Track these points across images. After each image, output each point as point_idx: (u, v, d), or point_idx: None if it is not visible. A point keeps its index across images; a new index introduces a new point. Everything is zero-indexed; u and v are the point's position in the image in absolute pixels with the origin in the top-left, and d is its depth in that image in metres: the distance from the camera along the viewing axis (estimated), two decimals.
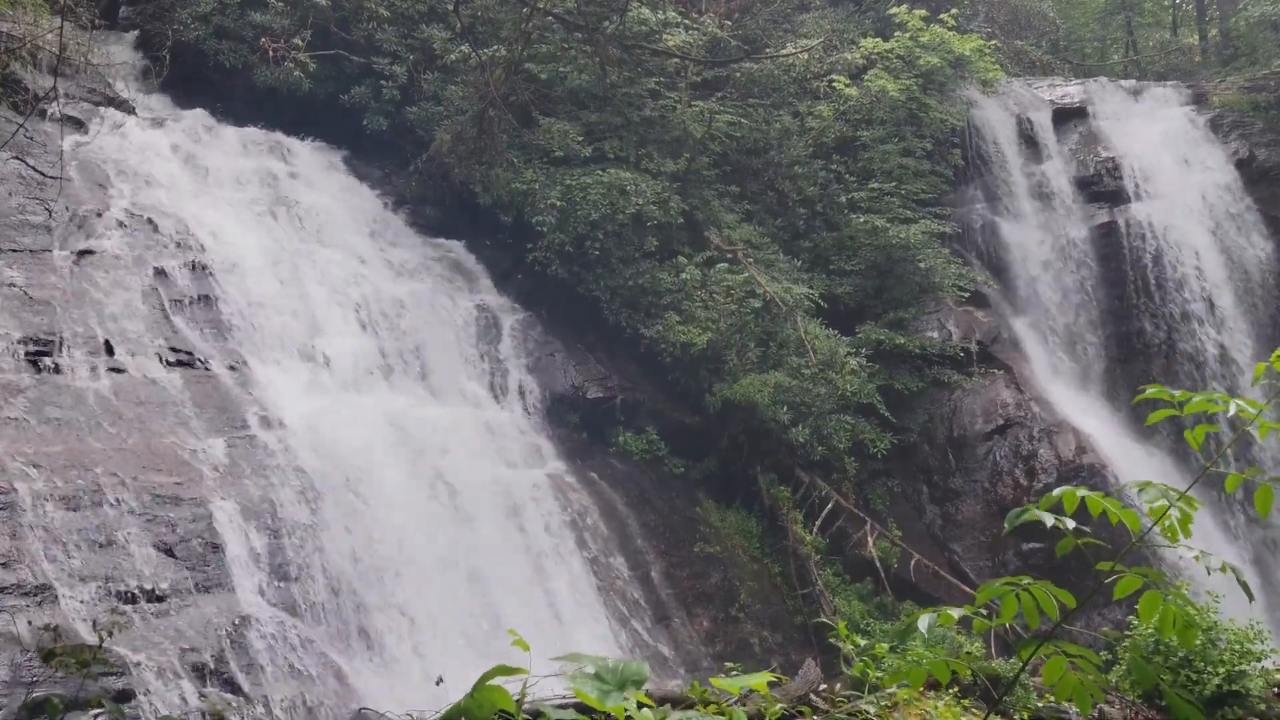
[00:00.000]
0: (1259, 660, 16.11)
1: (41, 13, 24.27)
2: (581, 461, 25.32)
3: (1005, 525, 4.74)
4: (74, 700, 12.24)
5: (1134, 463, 28.39)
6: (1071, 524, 4.58)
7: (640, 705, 4.04)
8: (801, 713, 14.24)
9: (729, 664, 15.08)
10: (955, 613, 4.67)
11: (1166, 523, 4.52)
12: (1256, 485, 4.83)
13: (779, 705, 12.18)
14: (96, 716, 13.73)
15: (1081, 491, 4.60)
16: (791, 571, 25.61)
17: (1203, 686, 15.45)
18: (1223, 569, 4.56)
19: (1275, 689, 16.55)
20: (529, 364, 26.12)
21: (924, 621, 4.65)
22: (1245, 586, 4.66)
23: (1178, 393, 4.85)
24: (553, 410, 25.88)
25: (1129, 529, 4.70)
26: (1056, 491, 4.66)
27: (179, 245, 22.93)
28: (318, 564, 19.32)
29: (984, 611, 4.77)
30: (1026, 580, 4.61)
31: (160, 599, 17.22)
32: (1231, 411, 4.65)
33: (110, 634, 12.63)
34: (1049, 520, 4.54)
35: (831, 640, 12.12)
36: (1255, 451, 29.11)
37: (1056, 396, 29.77)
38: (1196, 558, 4.56)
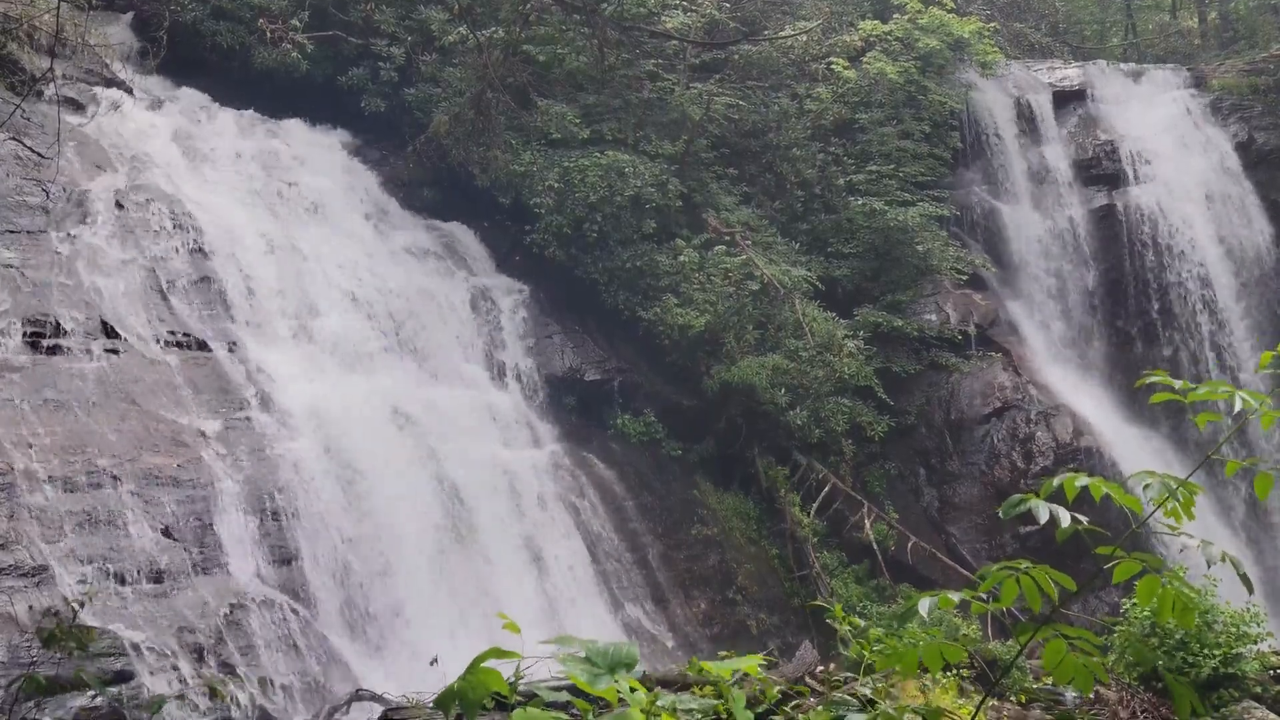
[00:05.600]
0: (1255, 643, 16.13)
1: None
2: (579, 443, 25.33)
3: (1000, 514, 4.72)
4: (71, 681, 12.26)
5: (1131, 446, 28.43)
6: (1067, 516, 4.56)
7: (633, 689, 4.04)
8: (800, 693, 14.28)
9: (722, 652, 15.10)
10: (955, 596, 4.66)
11: (1170, 505, 4.50)
12: (1256, 471, 4.82)
13: (777, 688, 12.21)
14: (95, 697, 13.77)
15: (1082, 479, 4.58)
16: (789, 554, 25.64)
17: (1199, 669, 15.48)
18: (1223, 559, 4.55)
19: (1270, 671, 16.58)
20: (527, 346, 26.12)
21: (924, 605, 4.63)
22: (1245, 579, 4.64)
23: (1179, 382, 4.84)
24: (551, 392, 25.89)
25: (1128, 515, 4.70)
26: (1057, 479, 4.64)
27: (176, 226, 22.88)
28: (315, 546, 19.35)
29: (983, 595, 4.76)
30: (1025, 564, 4.60)
31: (158, 580, 17.25)
32: (1237, 406, 4.63)
33: (82, 605, 12.63)
34: (1043, 514, 4.52)
35: (828, 621, 12.14)
36: (1253, 434, 29.12)
37: (1054, 379, 29.78)
38: (1198, 546, 4.55)
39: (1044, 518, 4.51)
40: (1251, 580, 4.73)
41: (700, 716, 4.29)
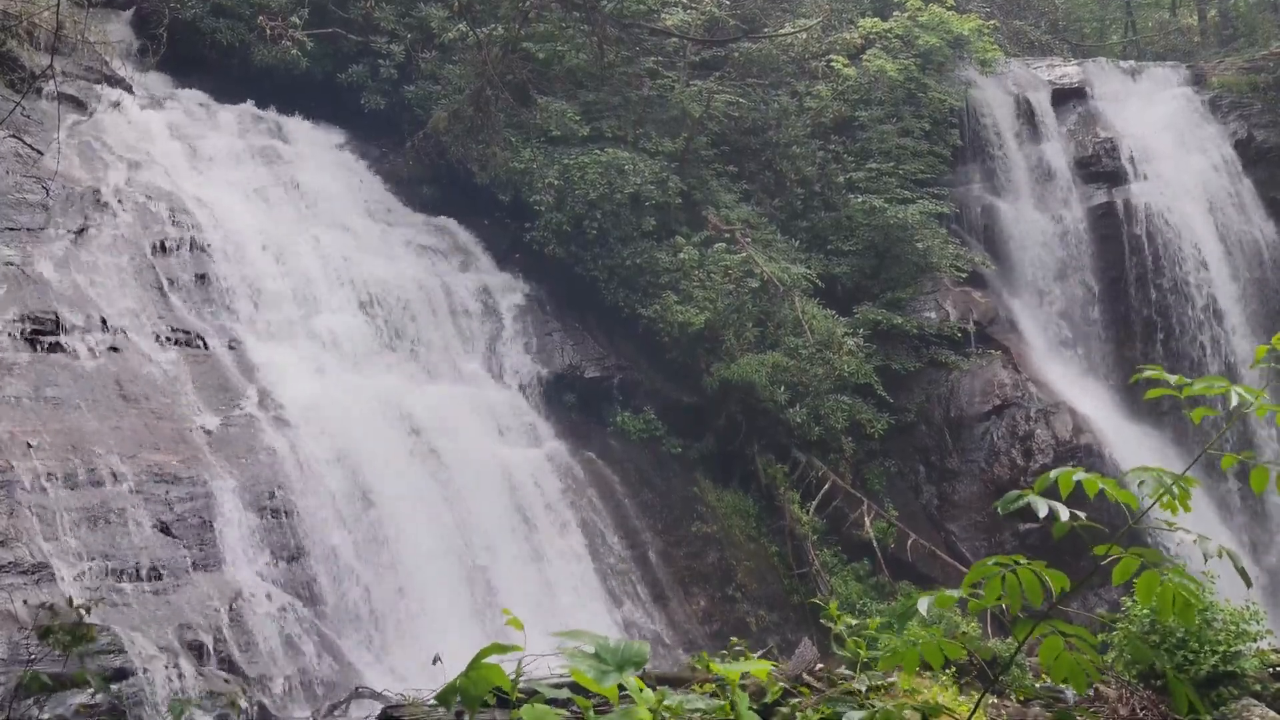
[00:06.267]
0: (1254, 641, 16.13)
1: None
2: (579, 441, 25.33)
3: (999, 510, 4.72)
4: (69, 679, 12.25)
5: (1131, 443, 28.43)
6: (1065, 511, 4.56)
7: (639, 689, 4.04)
8: (801, 692, 14.28)
9: (733, 639, 15.08)
10: (954, 594, 4.67)
11: (1166, 499, 4.51)
12: (1251, 466, 4.82)
13: (780, 685, 12.22)
14: (95, 694, 13.77)
15: (1078, 474, 4.59)
16: (788, 551, 25.64)
17: (1198, 667, 15.47)
18: (1219, 554, 4.55)
19: (1270, 669, 16.58)
20: (527, 343, 26.12)
21: (924, 604, 4.64)
22: (1243, 573, 4.64)
23: (1174, 377, 4.84)
24: (550, 390, 25.89)
25: (1125, 510, 4.70)
26: (1053, 473, 4.65)
27: (176, 224, 22.90)
28: (315, 543, 19.36)
29: (981, 592, 4.76)
30: (1021, 561, 4.61)
31: (158, 577, 17.26)
32: (1234, 402, 4.64)
33: (88, 610, 12.63)
34: (1042, 509, 4.52)
35: (823, 621, 12.16)
36: (1253, 432, 29.14)
37: (1053, 377, 29.78)
38: (1195, 542, 4.55)
39: (1043, 512, 4.52)
40: (1250, 576, 4.74)
41: (705, 716, 4.29)
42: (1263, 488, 4.70)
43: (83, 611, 12.05)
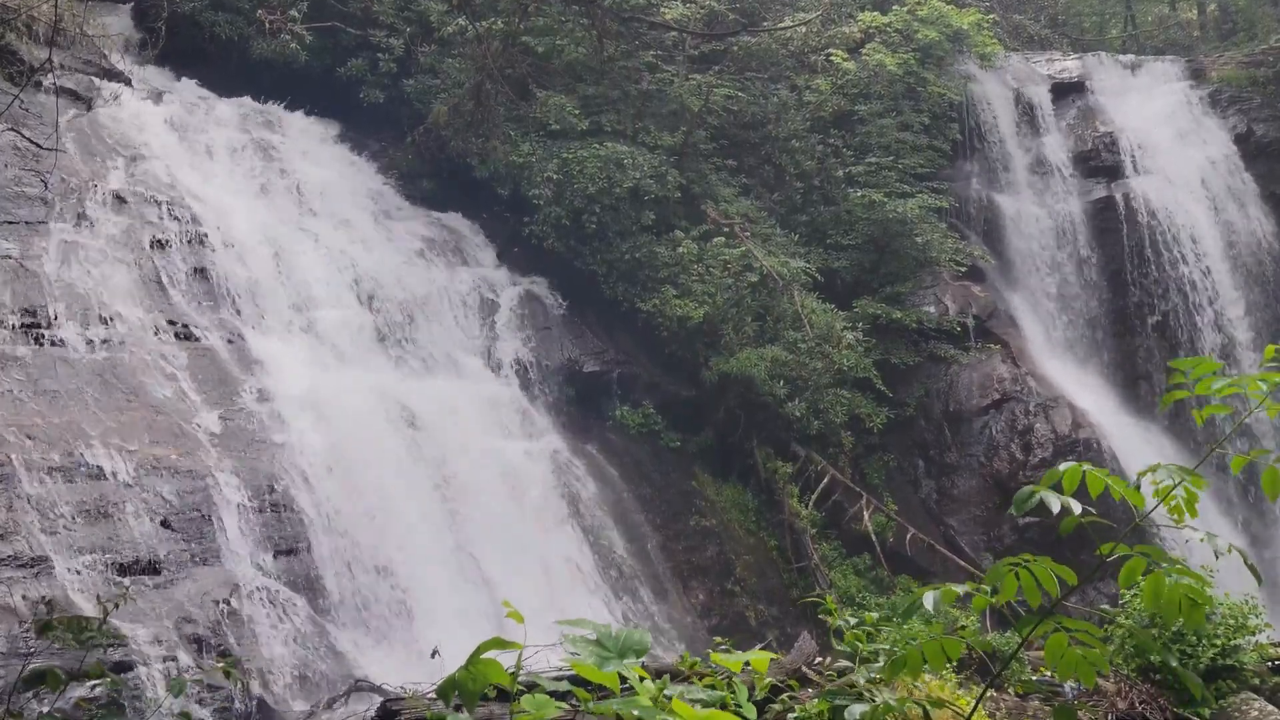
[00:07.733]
0: (1253, 634, 16.15)
1: None
2: (578, 435, 25.33)
3: (1014, 511, 4.71)
4: (72, 672, 12.25)
5: (1130, 438, 28.43)
6: (1078, 507, 4.55)
7: (640, 678, 4.04)
8: (792, 685, 14.29)
9: (717, 639, 15.10)
10: (959, 589, 4.66)
11: (1172, 501, 4.50)
12: (1262, 466, 4.81)
13: (768, 679, 12.21)
14: (94, 688, 13.76)
15: (1085, 468, 4.58)
16: (787, 545, 25.65)
17: (1197, 661, 15.49)
18: (1229, 551, 4.54)
19: (1269, 663, 16.59)
20: (526, 337, 26.10)
21: (929, 599, 4.63)
22: (1254, 569, 4.63)
23: (1190, 367, 4.82)
24: (549, 384, 25.89)
25: (1129, 506, 4.69)
26: (1061, 467, 4.64)
27: (175, 218, 22.87)
28: (314, 536, 19.35)
29: (985, 588, 4.76)
30: (1027, 558, 4.60)
31: (157, 571, 17.25)
32: (1252, 408, 4.62)
33: (116, 606, 12.64)
34: (1055, 505, 4.51)
35: (821, 616, 12.14)
36: (1258, 431, 29.17)
37: (1053, 371, 29.77)
38: (1202, 539, 4.54)
39: (1056, 508, 4.51)
40: (1259, 573, 4.73)
41: (705, 707, 4.29)
42: (1276, 492, 4.67)
43: (110, 607, 12.06)
